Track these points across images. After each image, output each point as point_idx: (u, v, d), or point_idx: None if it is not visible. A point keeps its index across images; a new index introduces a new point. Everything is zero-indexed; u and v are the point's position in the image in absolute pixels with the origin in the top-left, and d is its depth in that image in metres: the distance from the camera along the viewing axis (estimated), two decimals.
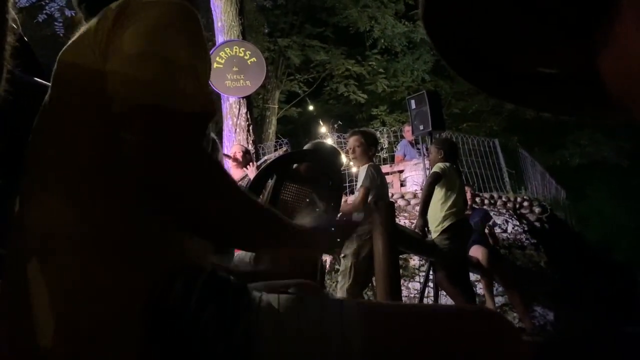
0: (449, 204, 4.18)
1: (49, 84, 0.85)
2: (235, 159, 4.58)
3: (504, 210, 7.34)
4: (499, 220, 6.79)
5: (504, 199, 7.69)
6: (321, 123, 12.13)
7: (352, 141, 4.16)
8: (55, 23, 8.28)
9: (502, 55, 0.41)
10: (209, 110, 0.75)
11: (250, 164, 4.58)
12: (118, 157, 0.72)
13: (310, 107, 15.03)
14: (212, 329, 0.71)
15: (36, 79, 1.13)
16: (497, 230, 6.34)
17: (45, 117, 0.83)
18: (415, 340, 0.76)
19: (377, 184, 3.86)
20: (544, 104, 0.45)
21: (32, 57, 1.23)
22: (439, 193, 4.22)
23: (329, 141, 9.70)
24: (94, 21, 0.81)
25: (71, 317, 0.70)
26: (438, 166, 4.25)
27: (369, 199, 3.77)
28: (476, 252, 5.00)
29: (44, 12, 7.99)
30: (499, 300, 5.55)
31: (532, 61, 0.41)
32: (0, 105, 0.58)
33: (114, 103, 0.72)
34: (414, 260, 6.01)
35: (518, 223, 7.03)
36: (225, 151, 5.74)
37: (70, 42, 0.84)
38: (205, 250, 0.91)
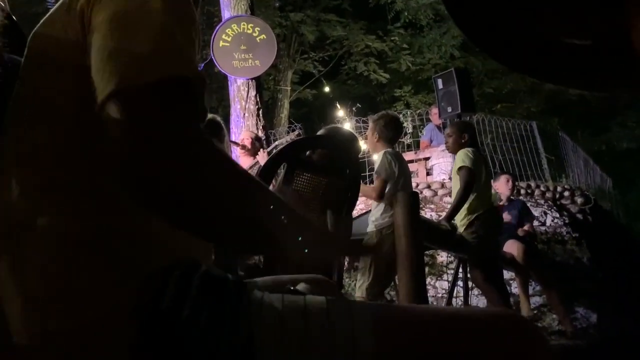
0: (480, 193, 4.14)
1: None
2: (243, 146, 4.61)
3: (543, 201, 7.28)
4: (537, 212, 6.74)
5: (542, 189, 7.63)
6: (338, 106, 12.12)
7: (369, 128, 4.18)
8: (47, 1, 8.37)
9: (531, 27, 0.41)
10: (188, 75, 0.74)
11: (261, 150, 4.60)
12: (97, 141, 0.72)
13: (326, 89, 15.00)
14: (210, 333, 0.71)
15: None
16: (535, 223, 6.29)
17: (16, 95, 0.84)
18: (431, 349, 0.75)
19: (394, 171, 3.81)
20: (575, 79, 0.45)
21: (21, 36, 1.24)
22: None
23: (347, 126, 9.68)
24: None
25: (49, 319, 0.71)
26: (466, 156, 4.12)
27: (387, 189, 3.75)
28: (511, 247, 4.97)
29: None
30: (536, 300, 5.52)
31: (564, 32, 0.41)
32: None
33: (91, 81, 0.72)
34: (442, 257, 6.00)
35: (558, 215, 6.97)
36: (233, 138, 5.77)
37: (42, 20, 0.86)
38: (205, 247, 0.91)
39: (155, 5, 0.75)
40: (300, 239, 0.82)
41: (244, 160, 4.57)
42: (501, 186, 5.57)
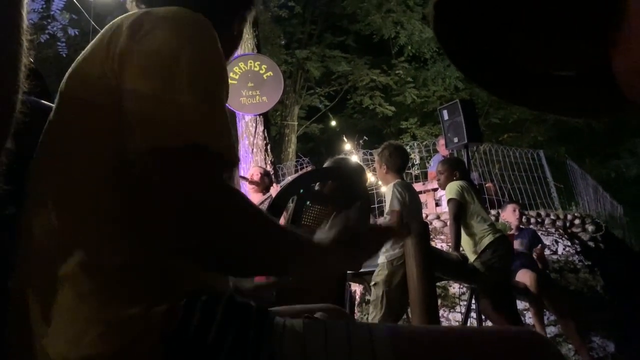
0: (479, 221, 4.16)
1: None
2: (253, 182, 4.65)
3: (553, 230, 7.24)
4: (547, 240, 6.70)
5: (552, 217, 7.60)
6: (345, 139, 12.22)
7: (376, 161, 4.23)
8: (58, 43, 8.56)
9: (517, 59, 0.45)
10: (228, 155, 0.80)
11: (274, 185, 4.63)
12: (130, 182, 0.77)
13: (333, 123, 15.13)
14: (235, 357, 0.73)
15: (45, 102, 1.19)
16: (547, 252, 6.26)
17: (50, 133, 0.88)
18: None
19: (406, 201, 3.83)
20: (560, 107, 0.49)
21: (40, 79, 1.30)
22: (466, 215, 4.21)
23: (354, 158, 9.73)
24: (105, 35, 0.86)
25: (82, 347, 0.74)
26: (452, 189, 4.22)
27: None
28: (524, 276, 4.94)
29: (46, 32, 8.29)
30: (552, 330, 5.46)
31: (548, 63, 0.45)
32: (15, 129, 0.63)
33: (127, 130, 0.77)
34: (454, 288, 5.96)
35: (569, 243, 6.92)
36: (242, 173, 5.83)
37: (80, 57, 0.89)
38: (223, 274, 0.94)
39: (190, 59, 0.81)
40: (322, 262, 0.89)
41: (253, 197, 4.61)
42: (508, 215, 5.57)
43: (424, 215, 6.27)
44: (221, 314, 0.77)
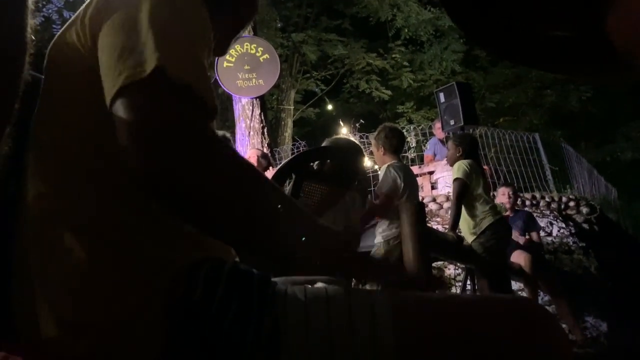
0: (481, 202, 4.19)
1: None
2: None
3: (548, 212, 7.28)
4: (542, 222, 6.73)
5: (547, 199, 7.63)
6: (341, 123, 12.18)
7: (373, 144, 4.23)
8: (53, 26, 8.51)
9: (513, 18, 0.47)
10: (206, 102, 0.76)
11: (270, 168, 4.64)
12: (114, 141, 0.73)
13: (329, 107, 15.10)
14: (238, 324, 0.75)
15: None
16: (541, 233, 6.30)
17: (41, 103, 0.89)
18: (447, 331, 0.78)
19: (397, 184, 3.83)
20: (559, 66, 0.51)
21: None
22: (469, 195, 4.23)
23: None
24: (82, 6, 0.87)
25: (82, 312, 0.75)
26: (460, 168, 4.24)
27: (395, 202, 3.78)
28: (518, 258, 4.98)
29: (41, 14, 8.23)
30: None
31: (543, 23, 0.47)
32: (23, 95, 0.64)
33: (104, 83, 0.75)
34: (450, 270, 6.00)
35: (564, 225, 6.96)
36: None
37: (60, 31, 0.90)
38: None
39: (159, 10, 0.78)
40: (306, 235, 0.82)
41: None
42: (501, 199, 5.61)
43: (420, 198, 6.29)
44: (224, 282, 0.78)
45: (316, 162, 2.34)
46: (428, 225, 4.86)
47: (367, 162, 9.81)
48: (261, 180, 0.80)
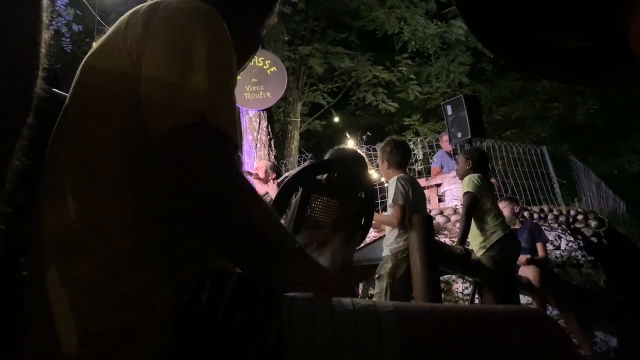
0: (492, 216, 4.16)
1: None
2: (257, 176, 4.64)
3: (556, 225, 7.24)
4: (550, 235, 6.69)
5: (555, 212, 7.59)
6: (348, 135, 12.19)
7: (378, 157, 4.23)
8: (62, 39, 8.58)
9: (535, 29, 0.46)
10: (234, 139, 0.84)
11: (271, 181, 4.62)
12: (143, 161, 0.81)
13: (336, 119, 15.13)
14: (243, 334, 0.74)
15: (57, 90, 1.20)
16: (549, 246, 6.25)
17: (66, 118, 0.90)
18: (455, 344, 0.77)
19: (409, 194, 3.81)
20: (573, 77, 0.49)
21: (50, 69, 1.31)
22: (480, 209, 4.20)
23: None
24: (121, 25, 0.90)
25: (93, 321, 0.76)
26: (470, 182, 4.21)
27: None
28: (526, 271, 4.95)
29: (51, 27, 8.29)
30: None
31: (565, 34, 0.45)
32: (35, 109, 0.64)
33: (146, 112, 0.81)
34: (458, 284, 5.96)
35: (572, 238, 6.92)
36: (246, 168, 5.83)
37: (96, 46, 0.92)
38: None
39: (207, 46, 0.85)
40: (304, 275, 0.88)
41: (259, 189, 4.61)
42: (505, 212, 5.57)
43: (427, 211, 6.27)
44: (230, 290, 0.78)
45: (323, 175, 2.33)
46: (436, 238, 4.84)
47: (373, 175, 9.81)
48: (273, 216, 0.87)
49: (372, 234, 5.49)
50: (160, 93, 0.81)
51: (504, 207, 5.55)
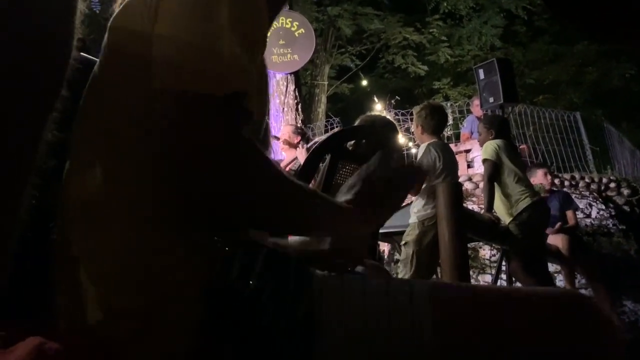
0: (517, 182, 4.09)
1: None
2: (286, 141, 4.64)
3: (588, 193, 7.12)
4: (581, 203, 6.59)
5: (587, 180, 7.46)
6: (376, 99, 12.05)
7: (413, 121, 4.19)
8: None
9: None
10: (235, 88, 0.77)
11: (299, 146, 4.61)
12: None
13: (364, 82, 14.95)
14: (273, 307, 0.74)
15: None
16: (580, 215, 6.16)
17: (93, 87, 0.87)
18: (492, 328, 0.75)
19: (436, 165, 3.78)
20: None
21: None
22: (501, 175, 4.14)
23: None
24: None
25: (119, 297, 0.75)
26: (488, 149, 4.15)
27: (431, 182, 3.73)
28: (555, 239, 4.90)
29: None
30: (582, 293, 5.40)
31: None
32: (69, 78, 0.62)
33: (154, 75, 0.75)
34: (485, 250, 5.93)
35: (604, 207, 6.80)
36: (273, 132, 5.83)
37: (120, 7, 0.87)
38: None
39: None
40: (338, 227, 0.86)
41: (288, 155, 4.61)
42: (539, 179, 5.49)
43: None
44: (260, 265, 0.77)
45: (351, 142, 2.31)
46: (464, 205, 4.80)
47: (401, 139, 9.73)
48: (290, 181, 0.82)
49: None
50: (180, 53, 0.76)
51: (535, 174, 5.46)
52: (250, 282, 0.75)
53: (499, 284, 4.60)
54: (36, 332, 0.73)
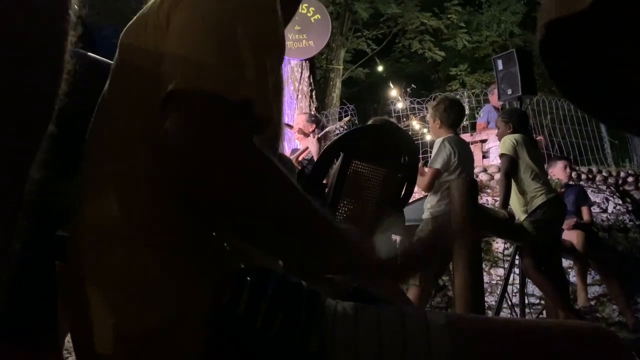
0: (534, 179, 4.05)
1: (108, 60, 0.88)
2: (301, 131, 4.61)
3: (605, 187, 7.03)
4: (598, 198, 6.53)
5: (604, 174, 7.36)
6: (391, 85, 11.95)
7: (429, 114, 4.15)
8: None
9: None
10: (248, 96, 0.73)
11: (311, 135, 4.57)
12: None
13: (380, 67, 14.84)
14: (284, 340, 0.72)
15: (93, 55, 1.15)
16: (596, 209, 6.10)
17: (103, 108, 0.86)
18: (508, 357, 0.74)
19: (451, 161, 3.76)
20: None
21: (85, 27, 1.25)
22: (518, 171, 4.10)
23: (400, 106, 9.60)
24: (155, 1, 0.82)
25: (126, 319, 0.75)
26: (505, 143, 4.09)
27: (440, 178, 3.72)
28: (570, 235, 4.87)
29: None
30: (596, 290, 5.37)
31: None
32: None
33: (162, 86, 0.72)
34: (498, 244, 5.90)
35: (621, 202, 6.73)
36: (286, 120, 5.80)
37: (131, 21, 0.86)
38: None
39: (233, 13, 0.76)
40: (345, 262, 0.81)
41: (303, 143, 4.60)
42: (558, 172, 5.43)
43: None
44: (270, 294, 0.74)
45: (365, 141, 2.29)
46: (478, 197, 4.77)
47: (415, 126, 9.67)
48: (302, 199, 0.78)
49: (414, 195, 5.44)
50: (183, 57, 0.74)
51: (562, 169, 5.41)
52: (259, 315, 0.72)
53: (511, 278, 4.57)
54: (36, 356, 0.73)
